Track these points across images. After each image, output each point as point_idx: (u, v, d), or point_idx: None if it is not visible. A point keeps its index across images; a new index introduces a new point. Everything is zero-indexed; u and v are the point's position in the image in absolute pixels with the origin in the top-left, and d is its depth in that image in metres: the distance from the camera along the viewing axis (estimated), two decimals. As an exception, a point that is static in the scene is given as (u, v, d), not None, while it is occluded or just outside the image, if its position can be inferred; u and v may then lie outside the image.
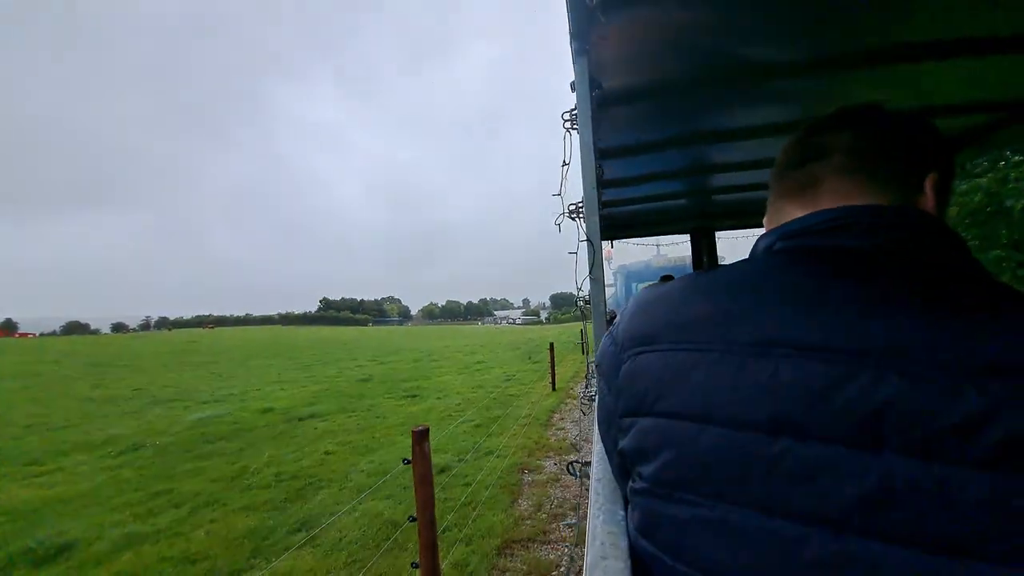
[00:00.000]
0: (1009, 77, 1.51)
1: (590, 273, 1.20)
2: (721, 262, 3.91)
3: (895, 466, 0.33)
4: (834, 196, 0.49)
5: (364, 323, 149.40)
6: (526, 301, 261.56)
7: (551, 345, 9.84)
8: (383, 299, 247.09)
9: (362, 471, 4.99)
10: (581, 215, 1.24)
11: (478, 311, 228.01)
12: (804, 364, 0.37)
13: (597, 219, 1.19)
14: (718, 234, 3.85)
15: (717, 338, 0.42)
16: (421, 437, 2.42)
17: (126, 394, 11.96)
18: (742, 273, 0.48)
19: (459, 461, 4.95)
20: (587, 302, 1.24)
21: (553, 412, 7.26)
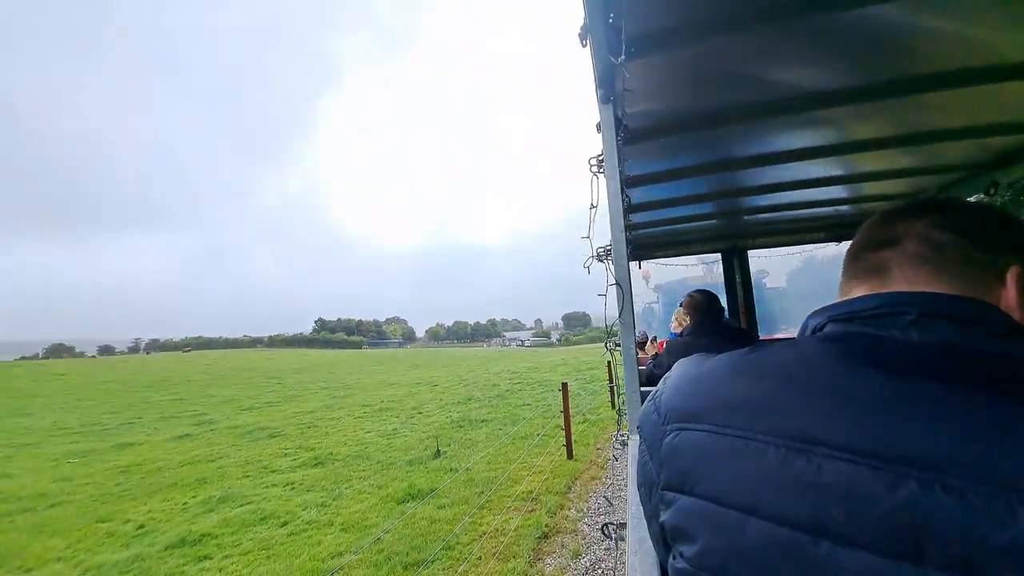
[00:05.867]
0: None
1: (620, 316, 1.21)
2: (754, 279, 3.91)
3: None
4: (901, 284, 0.48)
5: (358, 345, 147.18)
6: (538, 322, 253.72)
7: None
8: (387, 320, 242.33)
9: None
10: (610, 258, 1.25)
11: (485, 332, 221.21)
12: (845, 468, 0.37)
13: (626, 263, 1.20)
14: (751, 253, 3.83)
15: (761, 427, 0.43)
16: None
17: None
18: (788, 357, 0.47)
19: None
20: (617, 344, 1.24)
21: None
